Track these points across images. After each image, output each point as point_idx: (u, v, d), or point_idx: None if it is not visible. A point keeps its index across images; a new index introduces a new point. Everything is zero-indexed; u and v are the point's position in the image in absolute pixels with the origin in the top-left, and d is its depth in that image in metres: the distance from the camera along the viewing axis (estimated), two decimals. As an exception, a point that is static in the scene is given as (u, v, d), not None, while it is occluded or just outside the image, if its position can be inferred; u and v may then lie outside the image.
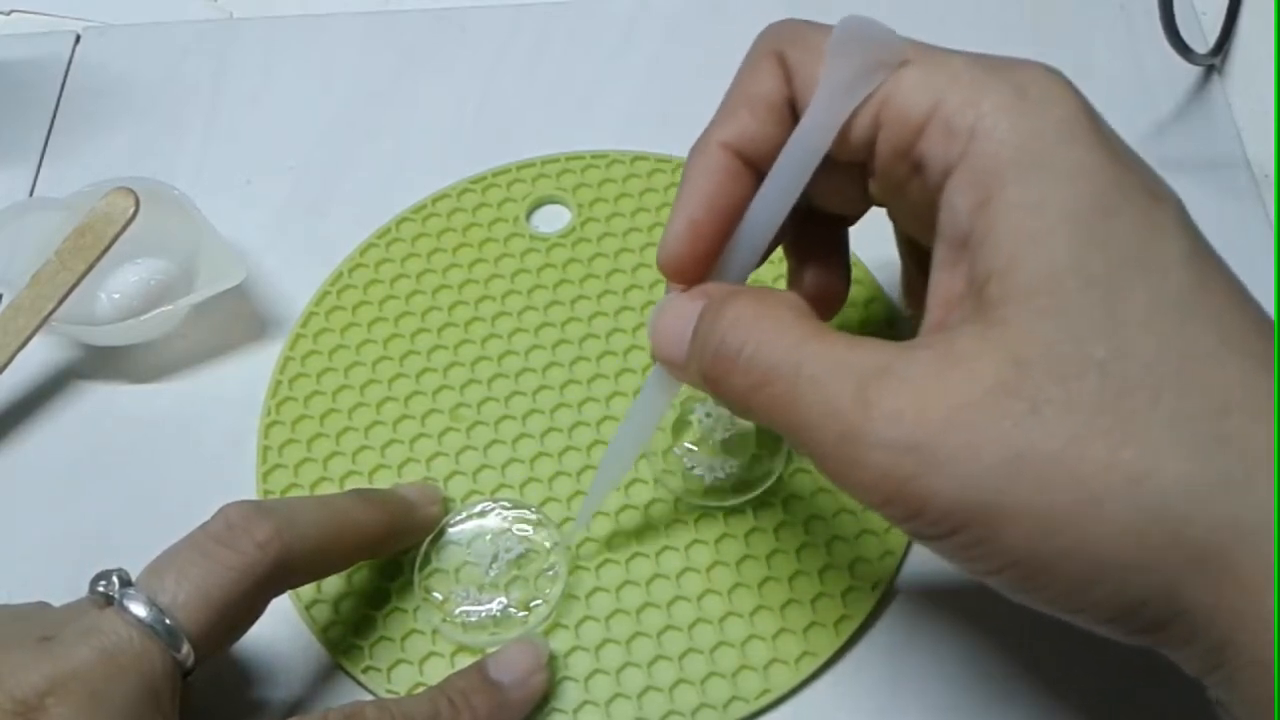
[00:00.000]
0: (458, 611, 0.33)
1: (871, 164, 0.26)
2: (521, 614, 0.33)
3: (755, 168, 0.27)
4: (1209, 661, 0.21)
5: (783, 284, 0.38)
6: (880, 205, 0.28)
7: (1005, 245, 0.22)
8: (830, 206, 0.29)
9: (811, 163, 0.26)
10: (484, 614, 0.33)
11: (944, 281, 0.23)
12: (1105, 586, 0.20)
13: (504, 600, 0.33)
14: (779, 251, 0.31)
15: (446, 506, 0.35)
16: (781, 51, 0.26)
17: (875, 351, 0.22)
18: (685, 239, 0.27)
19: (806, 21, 0.27)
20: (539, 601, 0.33)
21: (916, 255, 0.30)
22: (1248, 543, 0.20)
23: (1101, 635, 0.22)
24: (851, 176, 0.27)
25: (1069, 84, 0.23)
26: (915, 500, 0.21)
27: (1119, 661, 0.31)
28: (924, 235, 0.25)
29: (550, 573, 0.33)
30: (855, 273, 0.39)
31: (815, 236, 0.31)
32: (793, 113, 0.27)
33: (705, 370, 0.25)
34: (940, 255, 0.24)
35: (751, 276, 0.28)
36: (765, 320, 0.24)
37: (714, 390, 0.25)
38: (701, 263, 0.27)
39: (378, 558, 0.34)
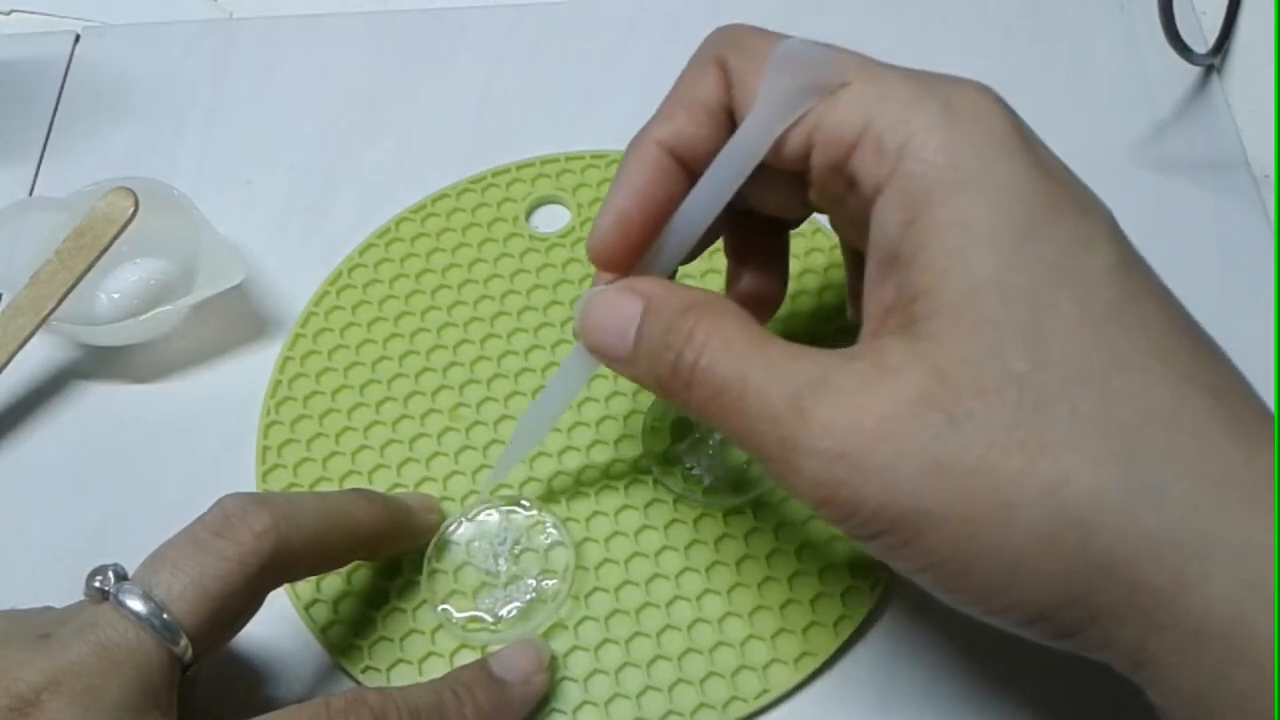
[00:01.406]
0: (478, 623, 0.33)
1: (806, 174, 0.26)
2: (539, 612, 0.33)
3: (689, 168, 0.27)
4: (1130, 663, 0.22)
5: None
6: (820, 213, 0.28)
7: (932, 263, 0.22)
8: (770, 210, 0.29)
9: (742, 173, 0.26)
10: (501, 616, 0.33)
11: (876, 295, 0.24)
12: (1021, 590, 0.21)
13: (517, 604, 0.33)
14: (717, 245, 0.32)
15: (443, 515, 0.35)
16: (724, 57, 0.27)
17: (813, 363, 0.23)
18: (615, 229, 0.27)
19: (754, 29, 0.27)
20: (550, 583, 0.33)
21: (858, 262, 0.30)
22: (1158, 552, 0.20)
23: (1027, 639, 0.23)
24: (791, 184, 0.27)
25: (998, 101, 0.24)
26: (845, 505, 0.22)
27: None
28: (862, 244, 0.26)
29: (550, 562, 0.33)
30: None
31: (756, 239, 0.31)
32: (730, 118, 0.27)
33: (661, 380, 0.26)
34: (872, 270, 0.24)
35: (681, 271, 0.29)
36: (716, 335, 0.25)
37: (666, 397, 0.26)
38: (629, 254, 0.28)
39: (375, 559, 0.34)
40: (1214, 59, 0.43)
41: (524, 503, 0.35)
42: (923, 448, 0.21)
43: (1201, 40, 0.44)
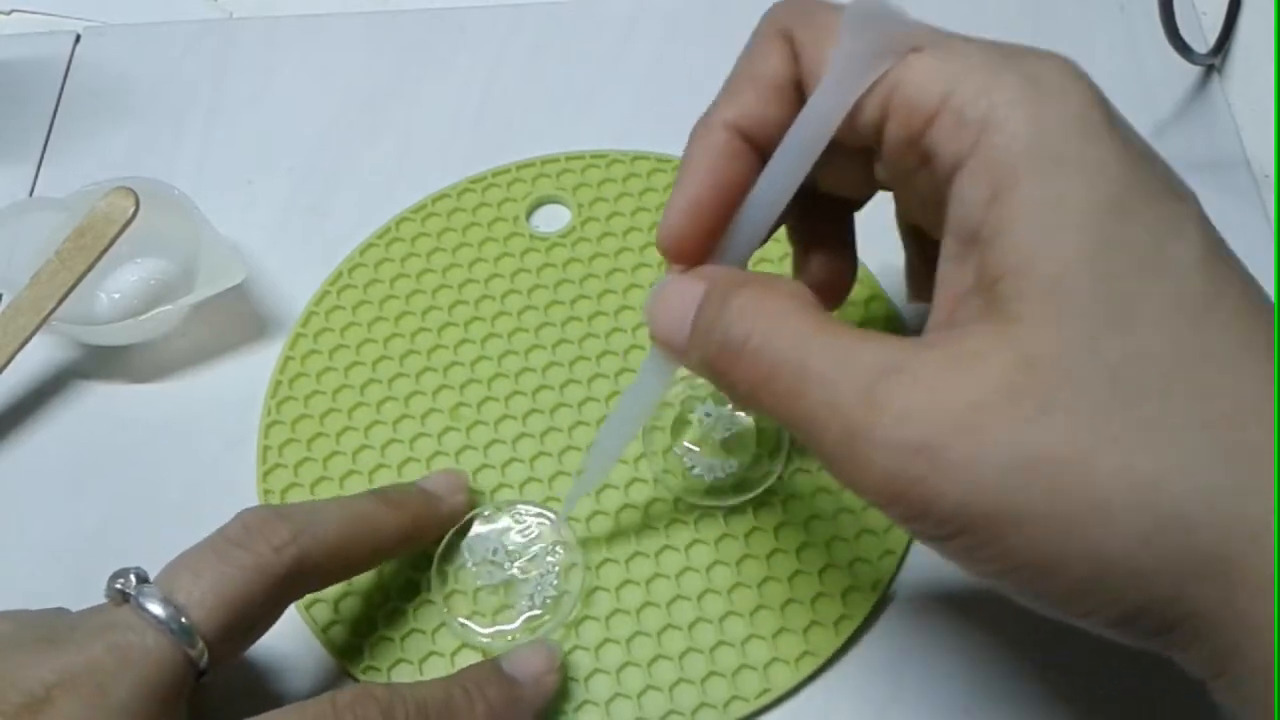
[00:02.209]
0: (486, 630, 0.33)
1: (879, 149, 0.25)
2: (545, 617, 0.33)
3: (759, 148, 0.26)
4: (1215, 666, 0.21)
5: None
6: (887, 189, 0.27)
7: (1019, 242, 0.21)
8: (835, 189, 0.28)
9: (818, 146, 0.25)
10: (508, 619, 0.33)
11: (952, 275, 0.23)
12: (1112, 591, 0.20)
13: (524, 608, 0.33)
14: (783, 231, 0.31)
15: (471, 495, 0.34)
16: (789, 30, 0.26)
17: (884, 348, 0.22)
18: (687, 218, 0.26)
19: (815, 0, 0.26)
20: (556, 595, 0.33)
21: (920, 242, 0.29)
22: (1257, 549, 0.19)
23: (1107, 638, 0.22)
24: (857, 160, 0.26)
25: (1084, 75, 0.23)
26: (921, 502, 0.21)
27: (1121, 660, 0.31)
28: (930, 223, 0.25)
29: (558, 565, 0.33)
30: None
31: (820, 221, 0.30)
32: (799, 94, 0.26)
33: (709, 360, 0.24)
34: (949, 248, 0.23)
35: (755, 255, 0.27)
36: (771, 312, 0.23)
37: (717, 380, 0.24)
38: (703, 243, 0.26)
39: (403, 555, 0.33)
40: (1214, 59, 0.43)
41: (529, 506, 0.35)
42: (1012, 441, 0.20)
43: (1201, 40, 0.44)
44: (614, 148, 0.42)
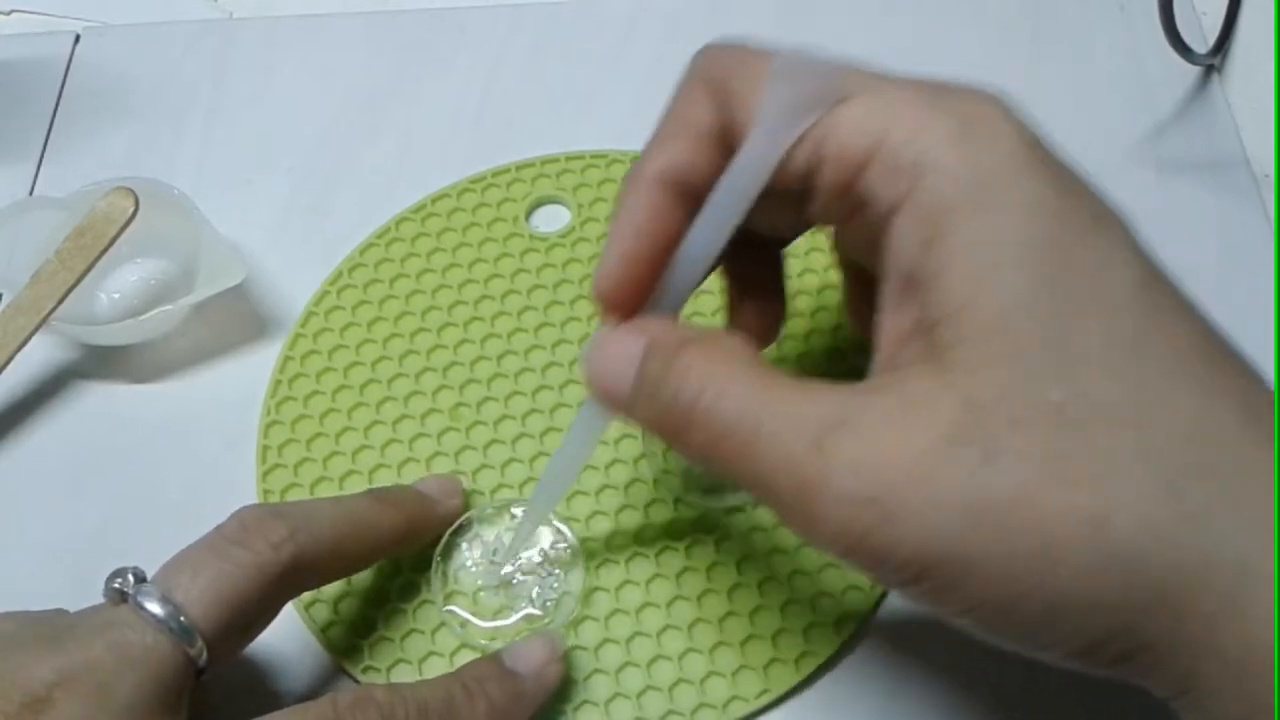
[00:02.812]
0: (486, 627, 0.33)
1: (811, 194, 0.25)
2: (545, 617, 0.33)
3: (690, 196, 0.26)
4: (1174, 689, 0.21)
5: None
6: (820, 227, 0.27)
7: (955, 285, 0.21)
8: (766, 230, 0.28)
9: (748, 198, 0.25)
10: (509, 624, 0.33)
11: (892, 319, 0.23)
12: (1066, 627, 0.21)
13: (524, 607, 0.33)
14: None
15: (466, 499, 0.34)
16: (715, 78, 0.26)
17: (829, 399, 0.22)
18: (621, 270, 0.26)
19: (744, 46, 0.26)
20: (556, 596, 0.33)
21: (859, 276, 0.29)
22: (1207, 578, 0.20)
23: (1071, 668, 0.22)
24: (788, 202, 0.26)
25: (1014, 113, 0.23)
26: (876, 551, 0.21)
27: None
28: (867, 261, 0.25)
29: (558, 565, 0.33)
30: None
31: (752, 260, 0.30)
32: (727, 142, 0.26)
33: (657, 422, 0.24)
34: (887, 293, 0.23)
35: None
36: (720, 373, 0.23)
37: (665, 438, 0.24)
38: (637, 294, 0.26)
39: (398, 555, 0.34)
40: (1214, 59, 0.43)
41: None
42: (959, 487, 0.20)
43: (1201, 40, 0.44)
44: (614, 148, 0.42)
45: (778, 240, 0.30)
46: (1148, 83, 0.44)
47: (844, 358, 0.37)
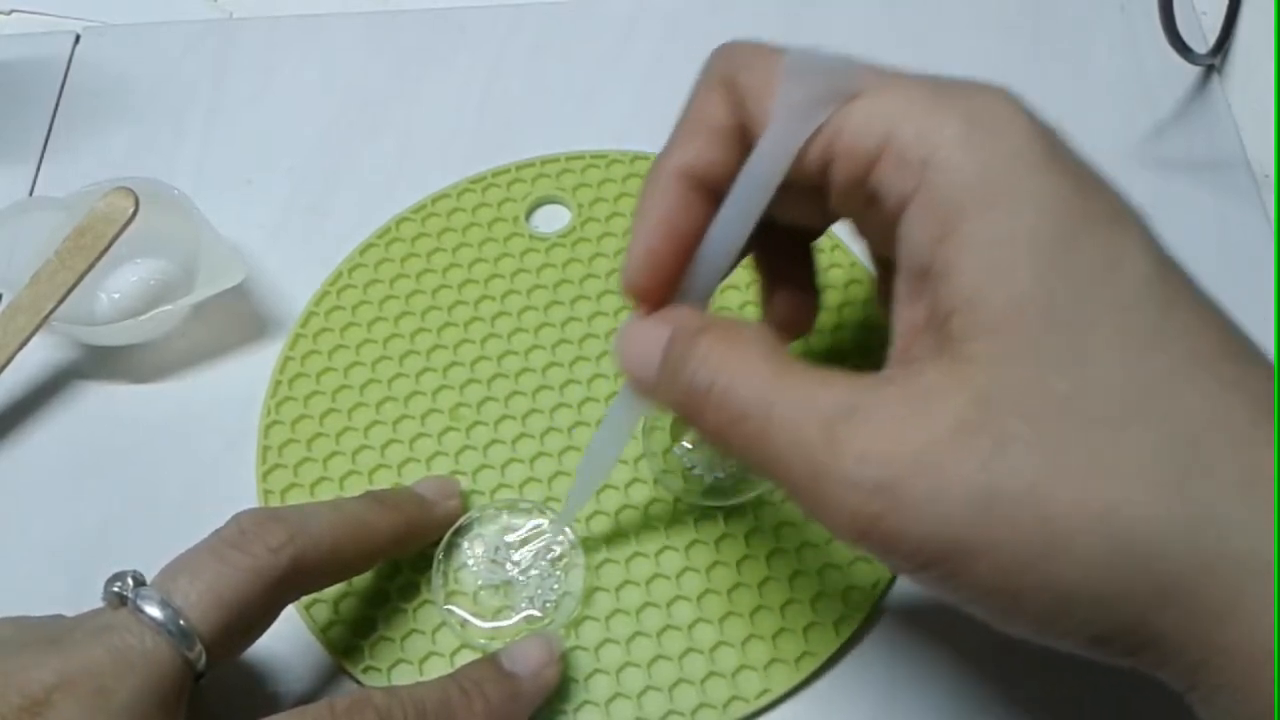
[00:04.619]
0: (486, 627, 0.33)
1: (826, 189, 0.26)
2: (545, 617, 0.33)
3: (711, 191, 0.27)
4: (1186, 681, 0.21)
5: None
6: (844, 218, 0.28)
7: (967, 280, 0.22)
8: (794, 221, 0.29)
9: (766, 191, 0.26)
10: (509, 624, 0.33)
11: (906, 312, 0.24)
12: (1076, 618, 0.21)
13: (525, 608, 0.33)
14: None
15: (464, 500, 0.34)
16: (730, 76, 0.26)
17: (844, 389, 0.22)
18: (646, 264, 0.27)
19: (756, 44, 0.26)
20: (556, 596, 0.33)
21: (887, 265, 0.29)
22: (1215, 574, 0.20)
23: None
24: (810, 195, 0.26)
25: (1022, 108, 0.23)
26: (886, 538, 0.21)
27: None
28: (889, 252, 0.25)
29: (558, 565, 0.33)
30: (854, 273, 0.39)
31: (783, 250, 0.31)
32: (744, 139, 0.26)
33: (677, 404, 0.25)
34: (901, 286, 0.24)
35: (724, 284, 0.28)
36: (735, 357, 0.24)
37: (687, 421, 0.25)
38: (664, 287, 0.27)
39: (397, 558, 0.34)
40: (1214, 59, 0.43)
41: (529, 506, 0.35)
42: (968, 477, 0.20)
43: (1201, 40, 0.44)
44: (614, 148, 0.42)
45: (806, 232, 0.30)
46: (1148, 83, 0.44)
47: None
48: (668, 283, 0.27)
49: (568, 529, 0.34)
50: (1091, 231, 0.22)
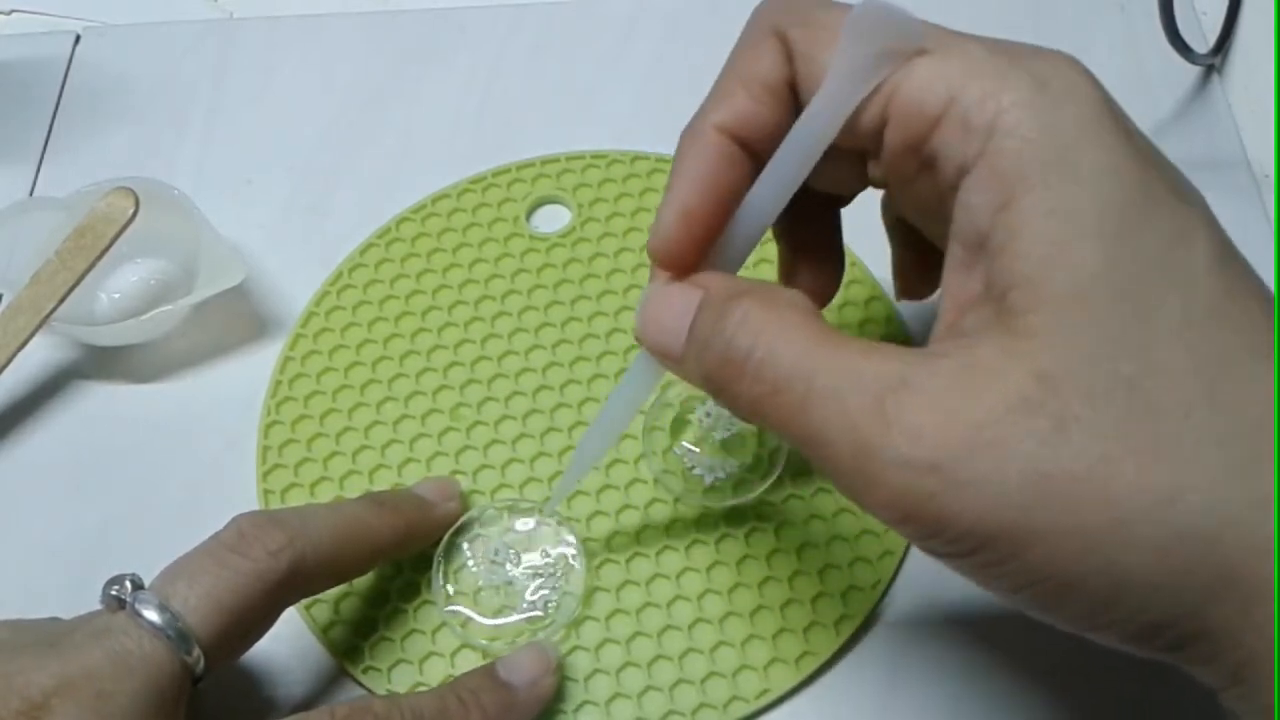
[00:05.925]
0: (488, 625, 0.33)
1: (876, 151, 0.24)
2: (546, 617, 0.33)
3: (752, 151, 0.25)
4: (1230, 678, 0.21)
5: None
6: (879, 188, 0.27)
7: (1030, 252, 0.21)
8: (825, 187, 0.27)
9: (817, 152, 0.24)
10: (510, 624, 0.33)
11: (959, 283, 0.22)
12: (1130, 606, 0.20)
13: (525, 609, 0.33)
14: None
15: (464, 501, 0.34)
16: (783, 29, 0.25)
17: (892, 360, 0.21)
18: (679, 225, 0.25)
19: None
20: (557, 596, 0.33)
21: (909, 238, 0.29)
22: (1273, 564, 0.19)
23: (1121, 651, 0.21)
24: (850, 160, 0.25)
25: (1090, 76, 0.22)
26: (935, 520, 0.20)
27: (1121, 663, 0.31)
28: (927, 224, 0.24)
29: (559, 565, 0.33)
30: (854, 272, 0.39)
31: (807, 218, 0.29)
32: (793, 95, 0.25)
33: (709, 372, 0.24)
34: (955, 255, 0.23)
35: (755, 255, 0.27)
36: (775, 323, 0.22)
37: (717, 393, 0.24)
38: (695, 251, 0.26)
39: (397, 559, 0.34)
40: (1214, 59, 0.43)
41: (529, 506, 0.35)
42: (1027, 457, 0.20)
43: (1201, 40, 0.44)
44: (614, 148, 0.42)
45: (835, 199, 0.29)
46: (1148, 83, 0.44)
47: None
48: (699, 247, 0.26)
49: (566, 531, 0.34)
50: (1158, 209, 0.21)
